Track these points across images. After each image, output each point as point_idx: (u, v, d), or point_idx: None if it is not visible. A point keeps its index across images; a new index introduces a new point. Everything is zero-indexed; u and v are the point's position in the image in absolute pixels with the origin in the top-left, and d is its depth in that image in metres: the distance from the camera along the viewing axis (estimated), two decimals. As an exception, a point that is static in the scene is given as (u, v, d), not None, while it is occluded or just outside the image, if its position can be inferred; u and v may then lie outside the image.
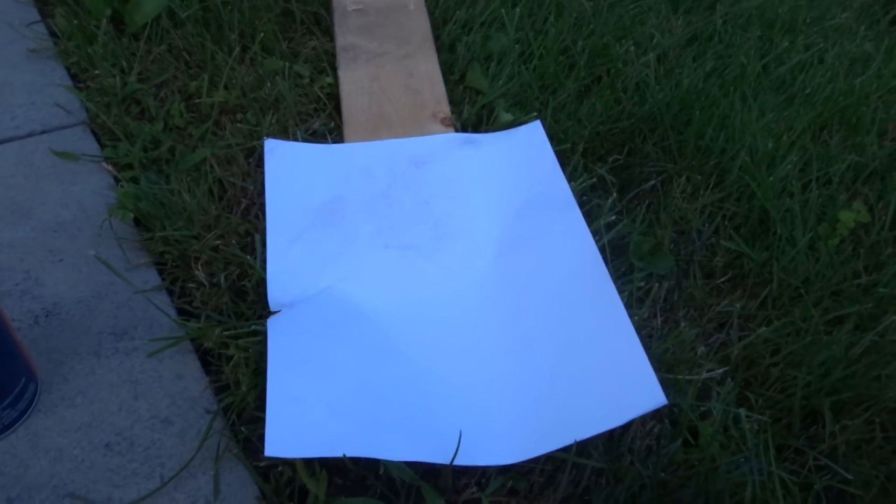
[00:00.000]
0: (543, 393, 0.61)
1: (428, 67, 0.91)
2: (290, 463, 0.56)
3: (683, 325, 0.68)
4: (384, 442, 0.56)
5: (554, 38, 0.95)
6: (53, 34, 0.92)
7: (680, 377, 0.64)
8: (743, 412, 0.61)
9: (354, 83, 0.89)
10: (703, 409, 0.62)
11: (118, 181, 0.76)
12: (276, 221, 0.72)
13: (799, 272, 0.73)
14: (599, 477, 0.58)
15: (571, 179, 0.79)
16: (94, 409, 0.58)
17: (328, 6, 0.99)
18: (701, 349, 0.67)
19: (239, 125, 0.82)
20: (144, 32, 0.90)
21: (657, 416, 0.61)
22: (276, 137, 0.81)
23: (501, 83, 0.89)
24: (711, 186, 0.82)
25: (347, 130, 0.83)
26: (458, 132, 0.84)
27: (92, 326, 0.64)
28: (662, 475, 0.57)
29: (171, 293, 0.67)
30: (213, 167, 0.77)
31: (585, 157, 0.83)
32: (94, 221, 0.72)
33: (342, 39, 0.94)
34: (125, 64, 0.87)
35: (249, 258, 0.69)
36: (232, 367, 0.61)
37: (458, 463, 0.55)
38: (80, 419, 0.58)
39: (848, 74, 0.99)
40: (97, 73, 0.85)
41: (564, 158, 0.81)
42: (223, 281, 0.67)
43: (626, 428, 0.60)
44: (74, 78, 0.87)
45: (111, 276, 0.67)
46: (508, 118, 0.85)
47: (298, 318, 0.64)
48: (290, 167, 0.78)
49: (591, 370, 0.62)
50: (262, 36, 0.91)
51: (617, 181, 0.82)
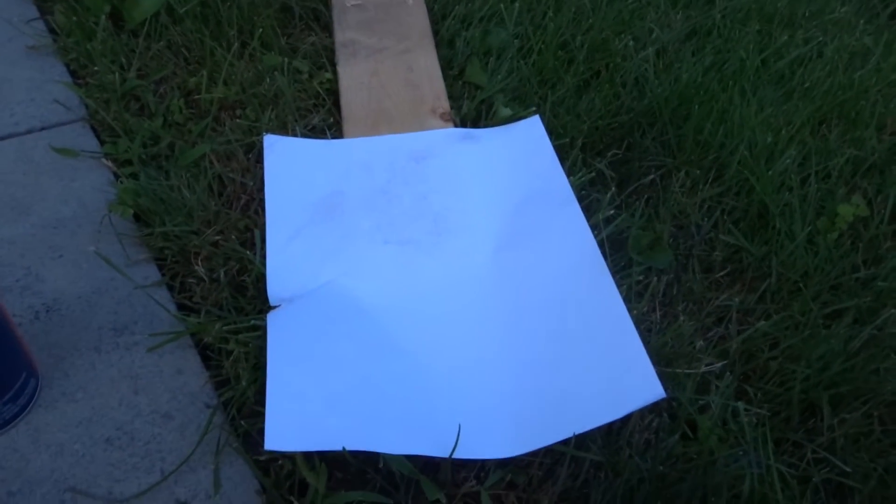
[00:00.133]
0: (542, 386, 0.61)
1: (427, 62, 0.91)
2: (289, 457, 0.56)
3: (682, 319, 0.68)
4: (383, 436, 0.56)
5: (553, 32, 0.95)
6: (52, 31, 0.92)
7: (679, 371, 0.64)
8: (741, 406, 0.62)
9: (354, 78, 0.89)
10: (701, 402, 0.63)
11: (118, 177, 0.76)
12: (275, 217, 0.73)
13: (798, 266, 0.73)
14: (598, 470, 0.59)
15: (570, 174, 0.79)
16: (94, 403, 0.59)
17: (327, 2, 0.99)
18: (700, 343, 0.67)
19: (238, 121, 0.82)
20: (143, 29, 0.90)
21: (656, 409, 0.62)
22: (275, 133, 0.81)
23: (500, 78, 0.89)
24: (710, 181, 0.82)
25: (347, 126, 0.83)
26: (457, 127, 0.84)
27: (92, 322, 0.64)
28: (661, 468, 0.58)
29: (171, 288, 0.67)
30: (212, 163, 0.77)
31: (584, 151, 0.83)
32: (93, 217, 0.72)
33: (341, 35, 0.94)
34: (124, 60, 0.87)
35: (249, 253, 0.69)
36: (232, 361, 0.61)
37: (457, 456, 0.55)
38: (80, 414, 0.58)
39: (847, 68, 0.98)
40: (96, 69, 0.85)
41: (563, 153, 0.81)
42: (223, 276, 0.67)
43: (624, 421, 0.60)
44: (74, 74, 0.87)
45: (111, 271, 0.67)
46: (507, 113, 0.85)
47: (298, 313, 0.64)
48: (289, 163, 0.78)
49: (589, 364, 0.62)
50: (260, 32, 0.91)
51: (616, 176, 0.82)
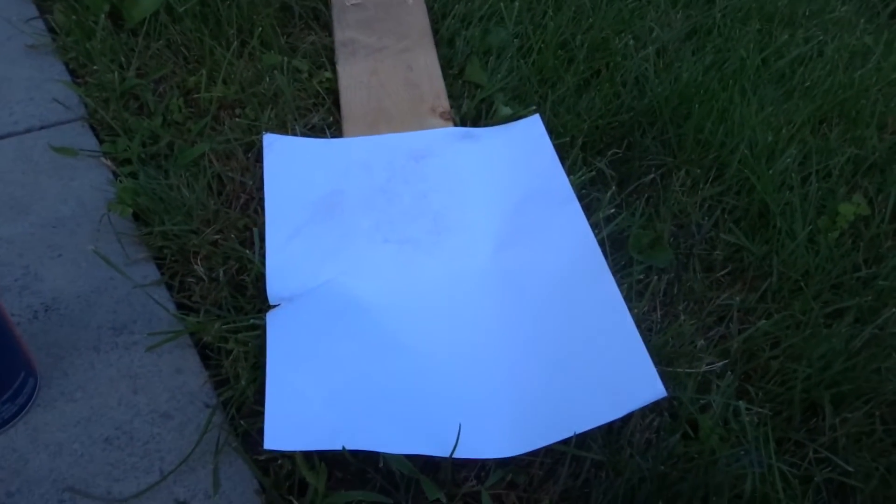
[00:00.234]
0: (543, 385, 0.60)
1: (427, 62, 0.91)
2: (289, 456, 0.56)
3: (683, 318, 0.68)
4: (384, 435, 0.56)
5: (553, 31, 0.95)
6: (52, 30, 0.92)
7: (679, 370, 0.64)
8: (743, 405, 0.61)
9: (353, 78, 0.88)
10: (702, 402, 0.62)
11: (117, 176, 0.76)
12: (275, 216, 0.72)
13: (799, 265, 0.73)
14: (599, 470, 0.58)
15: (570, 173, 0.79)
16: (93, 403, 0.58)
17: (326, 1, 0.99)
18: (700, 342, 0.67)
19: (238, 120, 0.82)
20: (143, 28, 0.90)
21: (657, 408, 0.61)
22: (274, 132, 0.81)
23: (500, 77, 0.89)
24: (711, 180, 0.82)
25: (346, 125, 0.83)
26: (457, 126, 0.84)
27: (91, 321, 0.64)
28: (662, 468, 0.57)
29: (170, 288, 0.67)
30: (211, 162, 0.77)
31: (584, 150, 0.83)
32: (92, 216, 0.72)
33: (341, 34, 0.94)
34: (123, 59, 0.87)
35: (248, 252, 0.69)
36: (231, 361, 0.61)
37: (457, 456, 0.55)
38: (79, 413, 0.58)
39: (847, 67, 0.98)
40: (95, 68, 0.85)
41: (563, 152, 0.81)
42: (222, 275, 0.67)
43: (625, 421, 0.60)
44: (73, 73, 0.87)
45: (110, 270, 0.67)
46: (507, 112, 0.85)
47: (298, 312, 0.64)
48: (289, 162, 0.78)
49: (590, 363, 0.62)
50: (260, 31, 0.91)
51: (616, 175, 0.81)
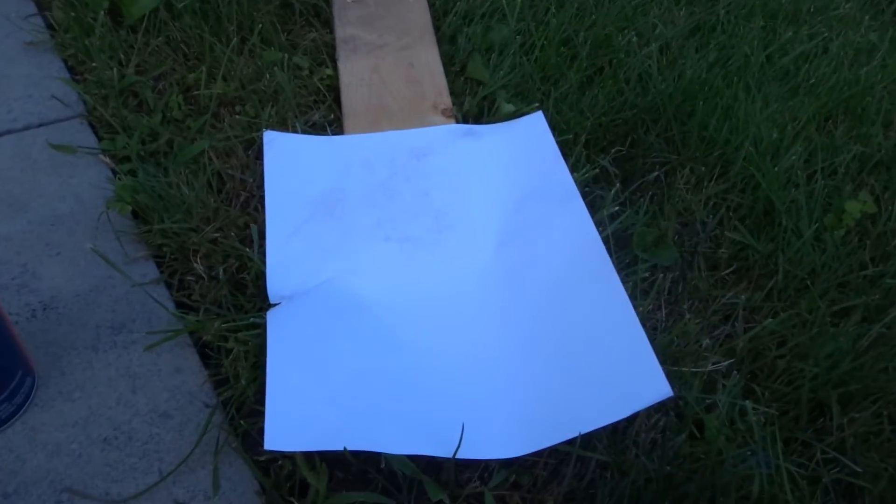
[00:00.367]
0: (547, 385, 0.60)
1: (428, 59, 0.90)
2: (290, 457, 0.56)
3: (688, 317, 0.67)
4: (385, 435, 0.56)
5: (555, 28, 0.94)
6: (50, 27, 0.91)
7: (685, 370, 0.63)
8: (749, 405, 0.61)
9: (354, 75, 0.88)
10: (708, 401, 0.62)
11: (116, 174, 0.75)
12: (275, 214, 0.72)
13: (805, 263, 0.72)
14: (604, 470, 0.58)
15: (574, 170, 0.78)
16: (91, 403, 0.58)
17: (327, -2, 0.98)
18: (706, 341, 0.66)
19: (238, 117, 0.81)
20: (142, 24, 0.89)
21: (662, 408, 0.61)
22: (275, 129, 0.80)
23: (503, 74, 0.88)
24: (715, 177, 0.81)
25: (347, 122, 0.82)
26: (459, 123, 0.83)
27: (90, 320, 0.63)
28: (668, 468, 0.57)
29: (169, 286, 0.67)
30: (211, 159, 0.76)
31: (588, 148, 0.82)
32: (91, 214, 0.71)
33: (342, 31, 0.93)
34: (123, 56, 0.86)
35: (248, 251, 0.68)
36: (231, 360, 0.61)
37: (460, 456, 0.55)
38: (77, 413, 0.57)
39: (852, 64, 0.98)
40: (94, 65, 0.84)
41: (566, 149, 0.81)
42: (222, 274, 0.66)
43: (630, 421, 0.59)
44: (72, 70, 0.87)
45: (109, 269, 0.66)
46: (510, 109, 0.84)
47: (298, 310, 0.63)
48: (289, 159, 0.77)
49: (595, 362, 0.61)
50: (260, 27, 0.90)
51: (620, 172, 0.81)
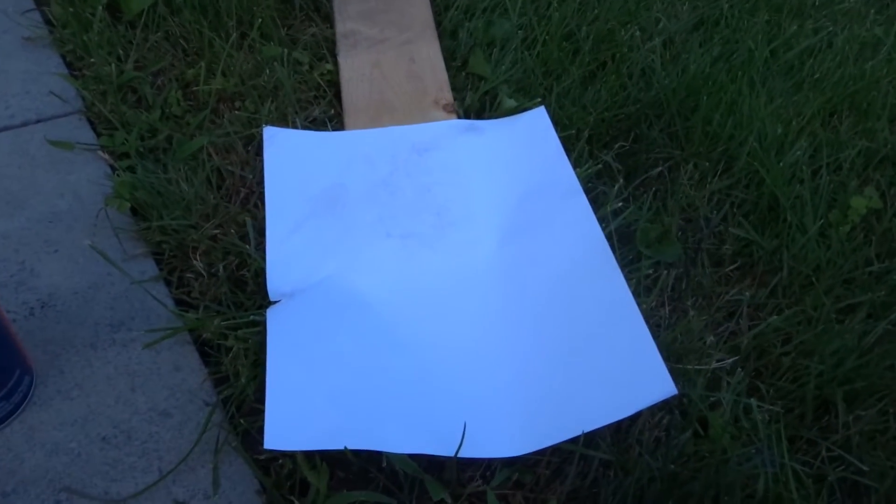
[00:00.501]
0: (550, 383, 0.59)
1: (430, 54, 0.90)
2: (290, 456, 0.55)
3: (692, 314, 0.67)
4: (387, 434, 0.55)
5: (557, 23, 0.93)
6: (49, 22, 0.91)
7: (689, 367, 0.63)
8: (754, 402, 0.60)
9: (355, 70, 0.87)
10: (712, 399, 0.61)
11: (114, 170, 0.74)
12: (275, 210, 0.71)
13: (810, 260, 0.72)
14: (607, 469, 0.57)
15: (577, 166, 0.77)
16: (90, 401, 0.57)
17: (328, -8, 0.98)
18: (710, 338, 0.65)
19: (237, 113, 0.81)
20: (141, 20, 0.89)
21: (666, 406, 0.60)
22: (275, 125, 0.80)
23: (504, 69, 0.87)
24: (719, 173, 0.80)
25: (348, 118, 0.82)
26: (460, 119, 0.82)
27: (88, 318, 0.62)
28: (672, 467, 0.56)
29: (168, 283, 0.66)
30: (211, 156, 0.76)
31: (591, 143, 0.82)
32: (90, 211, 0.70)
33: (342, 26, 0.93)
34: (121, 52, 0.85)
35: (248, 248, 0.68)
36: (231, 358, 0.60)
37: (462, 455, 0.54)
38: (76, 412, 0.57)
39: (857, 59, 0.97)
40: (93, 61, 0.84)
41: (569, 145, 0.80)
42: (222, 271, 0.66)
43: (634, 419, 0.59)
44: (70, 66, 0.86)
45: (108, 266, 0.66)
46: (512, 104, 0.83)
47: (299, 308, 0.63)
48: (289, 155, 0.76)
49: (598, 359, 0.61)
50: (260, 22, 0.90)
51: (623, 168, 0.80)
